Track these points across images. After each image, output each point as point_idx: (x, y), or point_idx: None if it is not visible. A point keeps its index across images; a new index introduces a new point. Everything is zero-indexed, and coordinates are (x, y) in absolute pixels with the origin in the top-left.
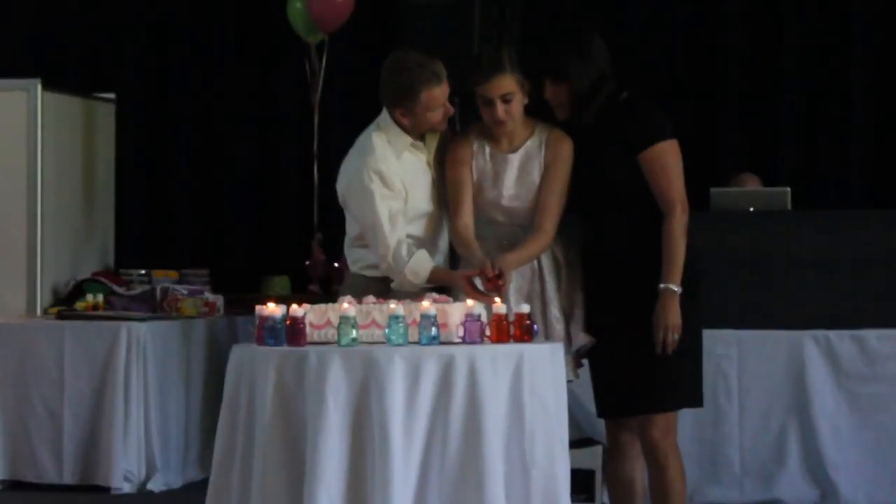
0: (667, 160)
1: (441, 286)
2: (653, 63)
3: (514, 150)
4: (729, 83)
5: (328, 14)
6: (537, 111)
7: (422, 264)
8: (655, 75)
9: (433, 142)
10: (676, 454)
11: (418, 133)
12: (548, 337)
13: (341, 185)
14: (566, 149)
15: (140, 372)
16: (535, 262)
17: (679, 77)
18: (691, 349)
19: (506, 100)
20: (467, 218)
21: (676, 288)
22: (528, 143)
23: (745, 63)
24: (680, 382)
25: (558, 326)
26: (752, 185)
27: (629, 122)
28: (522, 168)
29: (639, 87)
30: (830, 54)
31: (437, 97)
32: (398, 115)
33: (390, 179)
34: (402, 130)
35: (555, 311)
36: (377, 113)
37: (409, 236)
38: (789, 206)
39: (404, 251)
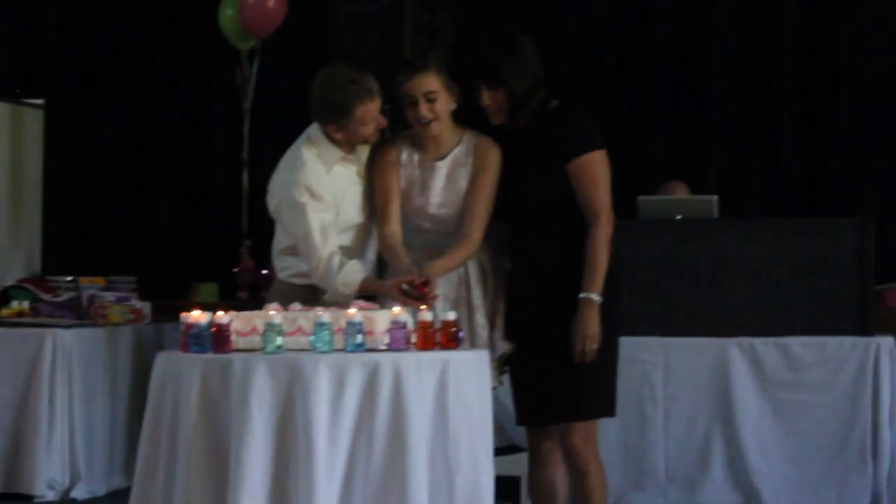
0: (595, 170)
1: (369, 294)
2: (581, 72)
3: (441, 158)
4: (656, 92)
5: (260, 20)
6: (471, 120)
7: (353, 275)
8: (584, 84)
9: (364, 151)
10: (597, 461)
11: (351, 146)
12: (473, 344)
13: (272, 201)
14: (494, 156)
15: (65, 379)
16: (463, 269)
17: (607, 86)
18: (610, 359)
19: (430, 98)
20: (395, 225)
21: (597, 298)
22: (456, 150)
23: (673, 72)
24: (599, 391)
25: (483, 333)
26: (680, 192)
27: (559, 131)
28: (450, 176)
29: (567, 95)
30: (758, 64)
31: (371, 112)
32: (331, 131)
33: (320, 193)
34: (333, 144)
35: (480, 319)
36: (308, 119)
37: (340, 247)
38: (716, 214)
39: (335, 263)
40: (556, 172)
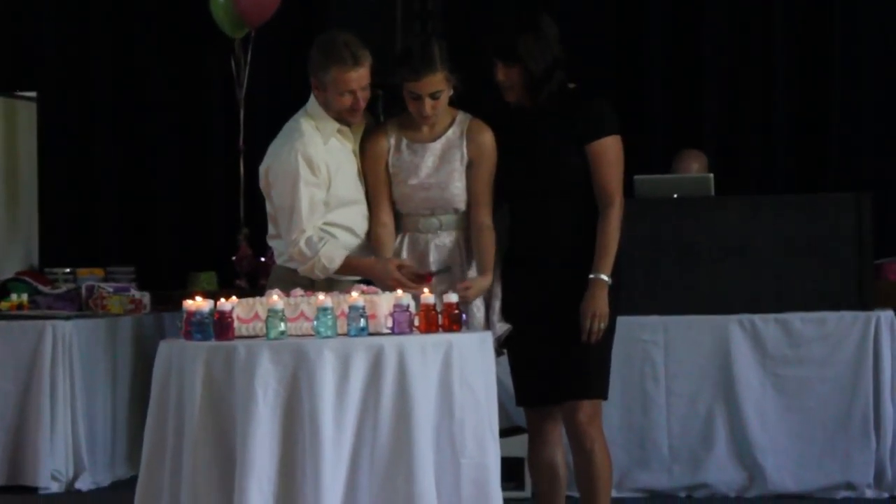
0: (614, 154)
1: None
2: (574, 53)
3: (433, 140)
4: (652, 71)
5: (256, 9)
6: (478, 93)
7: (336, 250)
8: (577, 65)
9: (359, 132)
10: (602, 439)
11: (333, 113)
12: (468, 325)
13: (264, 166)
14: (490, 139)
15: (66, 370)
16: (457, 251)
17: (603, 65)
18: (610, 340)
19: (434, 97)
20: (385, 216)
21: (607, 279)
22: (449, 132)
23: (667, 51)
24: (603, 371)
25: (479, 314)
26: (697, 161)
27: (580, 113)
28: (443, 156)
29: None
30: (753, 41)
31: (346, 80)
32: (314, 87)
33: (317, 164)
34: (329, 116)
35: (475, 300)
36: (302, 104)
37: (332, 224)
38: (713, 193)
39: (316, 238)
40: (573, 153)
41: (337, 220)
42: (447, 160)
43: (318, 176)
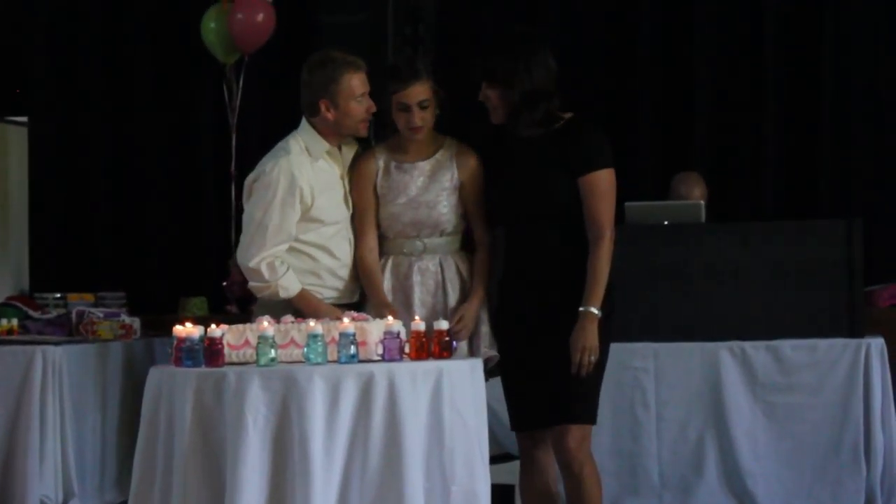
0: (606, 187)
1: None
2: (563, 81)
3: (424, 159)
4: (642, 97)
5: (249, 34)
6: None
7: (294, 283)
8: (566, 92)
9: (349, 155)
10: (592, 464)
11: (342, 133)
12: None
13: (249, 179)
14: (477, 163)
15: (56, 396)
16: (439, 274)
17: (593, 92)
18: (602, 367)
19: (423, 106)
20: (371, 241)
21: (597, 312)
22: (438, 154)
23: (657, 76)
24: (592, 396)
25: (463, 343)
26: (695, 184)
27: (573, 144)
28: (432, 175)
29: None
30: (742, 68)
31: (359, 84)
32: (323, 110)
33: (298, 185)
34: (321, 136)
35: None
36: (292, 130)
37: (309, 243)
38: (703, 219)
39: (278, 263)
40: (565, 184)
41: (316, 239)
42: (436, 179)
43: (296, 197)
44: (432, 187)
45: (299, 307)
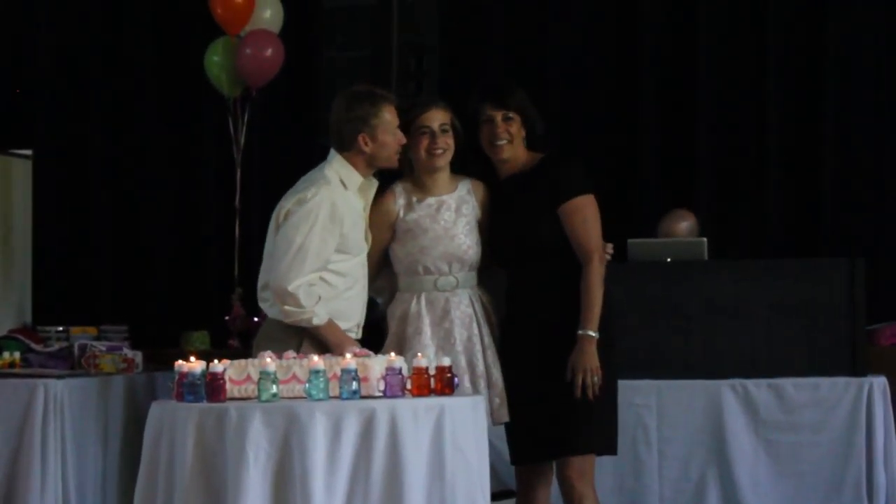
0: (586, 213)
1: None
2: (571, 116)
3: (448, 194)
4: (645, 135)
5: (258, 69)
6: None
7: (325, 313)
8: (570, 131)
9: (371, 190)
10: (593, 496)
11: (376, 165)
12: (490, 383)
13: (288, 201)
14: (488, 195)
15: (57, 429)
16: (471, 307)
17: (593, 133)
18: (608, 396)
19: (444, 130)
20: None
21: (594, 334)
22: (457, 190)
23: (661, 115)
24: (595, 426)
25: (496, 371)
26: (686, 219)
27: (550, 177)
28: (458, 210)
29: (553, 142)
30: (746, 105)
31: (393, 119)
32: (361, 143)
33: (339, 214)
34: (354, 169)
35: (491, 356)
36: (299, 165)
37: (333, 271)
38: (706, 257)
39: (312, 290)
40: (549, 216)
41: (340, 269)
42: (462, 213)
43: (336, 225)
44: (459, 221)
45: (325, 336)
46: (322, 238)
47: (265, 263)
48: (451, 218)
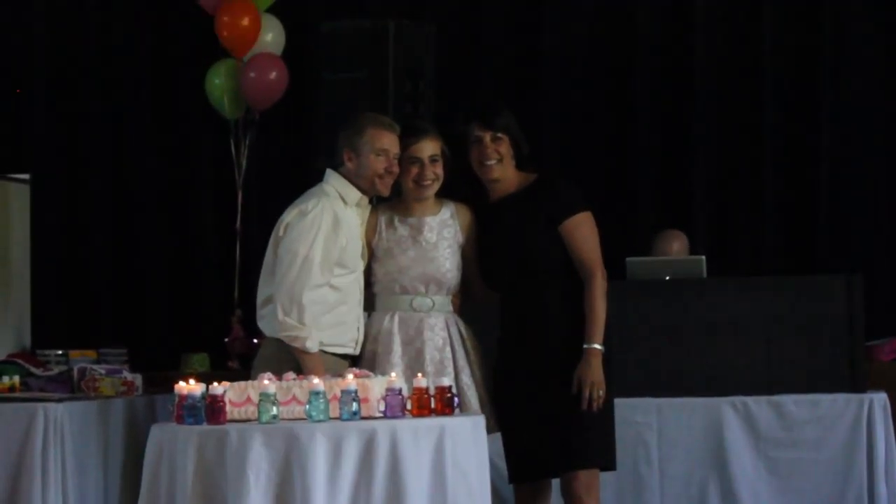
0: (586, 229)
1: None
2: (563, 138)
3: (431, 215)
4: (642, 154)
5: (262, 92)
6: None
7: (317, 340)
8: (567, 150)
9: (365, 213)
10: None
11: (361, 186)
12: (461, 405)
13: (289, 214)
14: (473, 220)
15: (58, 453)
16: (445, 331)
17: (590, 151)
18: (608, 411)
19: (433, 160)
20: None
21: (600, 347)
22: (442, 211)
23: (658, 134)
24: (600, 441)
25: (469, 393)
26: (677, 241)
27: (547, 197)
28: (439, 232)
29: (550, 160)
30: (741, 122)
31: (384, 141)
32: (345, 160)
33: (341, 224)
34: (350, 184)
35: (465, 379)
36: (298, 186)
37: (332, 286)
38: (705, 274)
39: (318, 310)
40: (548, 236)
41: (335, 283)
42: (443, 236)
43: (338, 235)
44: (440, 244)
45: (307, 365)
46: (326, 248)
47: (263, 279)
48: (433, 240)
